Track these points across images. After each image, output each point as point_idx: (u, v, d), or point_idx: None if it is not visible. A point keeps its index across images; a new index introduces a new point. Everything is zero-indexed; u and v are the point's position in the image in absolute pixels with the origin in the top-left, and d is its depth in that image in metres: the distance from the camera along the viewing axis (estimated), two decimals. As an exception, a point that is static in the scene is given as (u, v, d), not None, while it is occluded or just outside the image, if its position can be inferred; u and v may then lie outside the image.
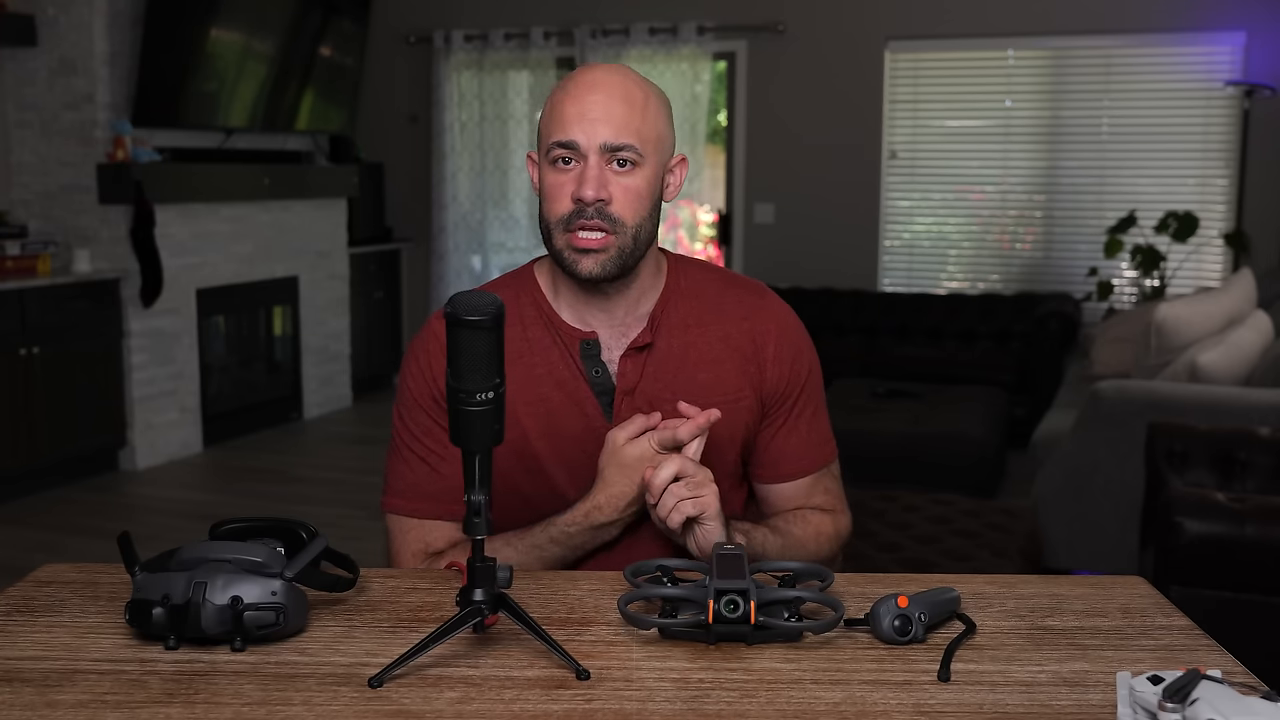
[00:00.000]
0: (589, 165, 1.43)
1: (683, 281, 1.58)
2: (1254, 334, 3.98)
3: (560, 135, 1.44)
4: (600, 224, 1.44)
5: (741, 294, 1.60)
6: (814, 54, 6.73)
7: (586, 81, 1.46)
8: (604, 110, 1.43)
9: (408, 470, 1.55)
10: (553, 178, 1.46)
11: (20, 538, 4.55)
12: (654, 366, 1.53)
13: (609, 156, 1.44)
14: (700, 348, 1.55)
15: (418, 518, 1.54)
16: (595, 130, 1.43)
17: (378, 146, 7.44)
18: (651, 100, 1.48)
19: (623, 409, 1.52)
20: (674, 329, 1.55)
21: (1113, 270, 6.39)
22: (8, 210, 5.40)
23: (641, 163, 1.45)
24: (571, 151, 1.44)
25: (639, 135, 1.45)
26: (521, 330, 1.54)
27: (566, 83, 1.49)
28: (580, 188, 1.43)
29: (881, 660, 1.15)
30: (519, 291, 1.57)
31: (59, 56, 5.33)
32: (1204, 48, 6.16)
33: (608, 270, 1.46)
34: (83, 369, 5.24)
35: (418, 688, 1.08)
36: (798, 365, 1.59)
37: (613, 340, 1.54)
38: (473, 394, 1.11)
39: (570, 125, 1.44)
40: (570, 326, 1.54)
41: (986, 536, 3.09)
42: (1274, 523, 2.41)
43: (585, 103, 1.44)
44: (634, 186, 1.45)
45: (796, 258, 6.83)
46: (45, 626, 1.22)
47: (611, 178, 1.44)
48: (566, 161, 1.45)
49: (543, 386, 1.52)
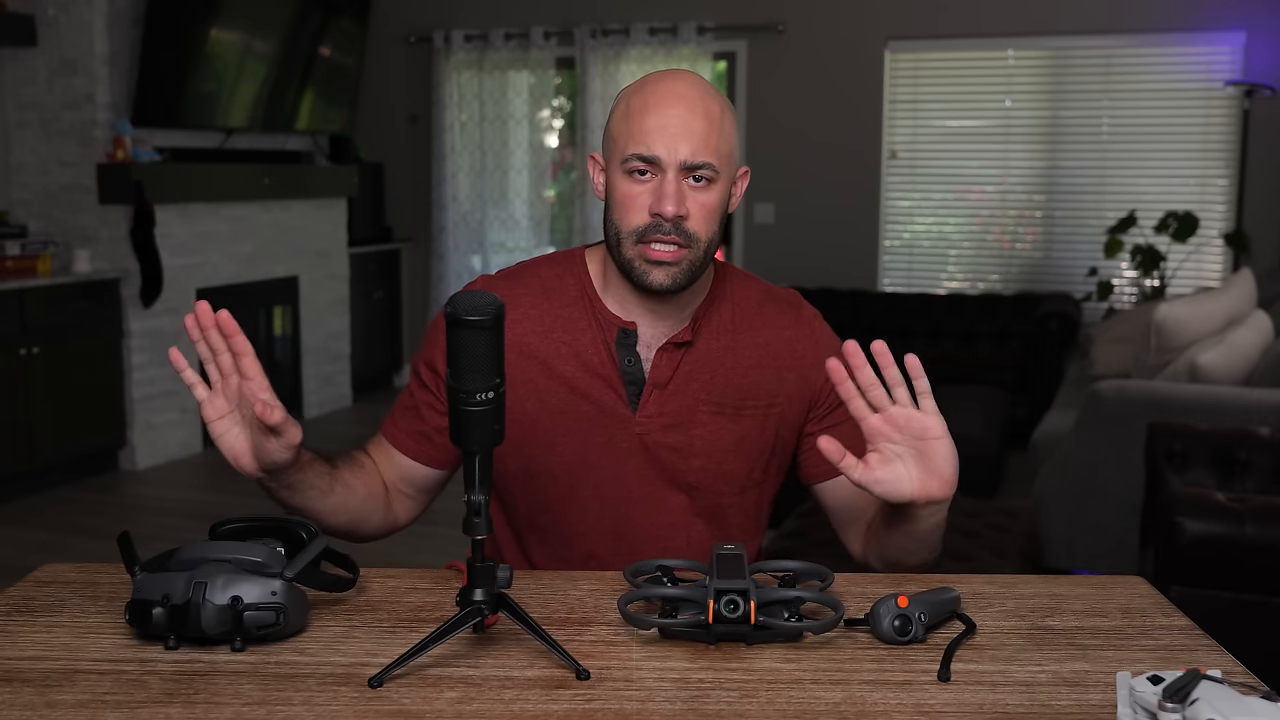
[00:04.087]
0: (668, 180, 1.43)
1: (727, 287, 1.59)
2: (1254, 334, 3.98)
3: (641, 148, 1.43)
4: (676, 239, 1.44)
5: (781, 305, 1.62)
6: (814, 54, 6.73)
7: (669, 92, 1.45)
8: (685, 125, 1.43)
9: (400, 406, 1.61)
10: (627, 188, 1.46)
11: (20, 538, 4.55)
12: (690, 365, 1.54)
13: (687, 172, 1.44)
14: (739, 352, 1.56)
15: (392, 445, 1.60)
16: (677, 146, 1.43)
17: (378, 146, 7.44)
18: (727, 115, 1.48)
19: (650, 401, 1.52)
20: (714, 332, 1.56)
21: (1113, 270, 6.39)
22: (8, 210, 5.40)
23: (717, 179, 1.46)
24: (651, 165, 1.44)
25: (716, 152, 1.45)
26: (558, 307, 1.55)
27: (643, 90, 1.48)
28: (660, 203, 1.43)
29: (881, 660, 1.15)
30: (566, 270, 1.58)
31: (59, 56, 5.33)
32: (1204, 48, 6.16)
33: (678, 283, 1.47)
34: (83, 369, 5.24)
35: (418, 688, 1.08)
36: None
37: (652, 336, 1.54)
38: (472, 394, 1.11)
39: (652, 138, 1.43)
40: (612, 314, 1.54)
41: (986, 536, 3.09)
42: (1274, 523, 2.41)
43: (667, 115, 1.43)
44: (709, 203, 1.46)
45: (796, 258, 6.83)
46: (45, 626, 1.22)
47: (688, 193, 1.44)
48: (643, 173, 1.45)
49: (567, 365, 1.53)
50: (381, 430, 1.62)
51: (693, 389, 1.53)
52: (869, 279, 6.81)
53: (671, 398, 1.53)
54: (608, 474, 1.53)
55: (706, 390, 1.53)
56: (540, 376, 1.52)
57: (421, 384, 1.57)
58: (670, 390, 1.53)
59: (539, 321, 1.54)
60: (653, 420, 1.53)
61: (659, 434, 1.53)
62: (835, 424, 1.57)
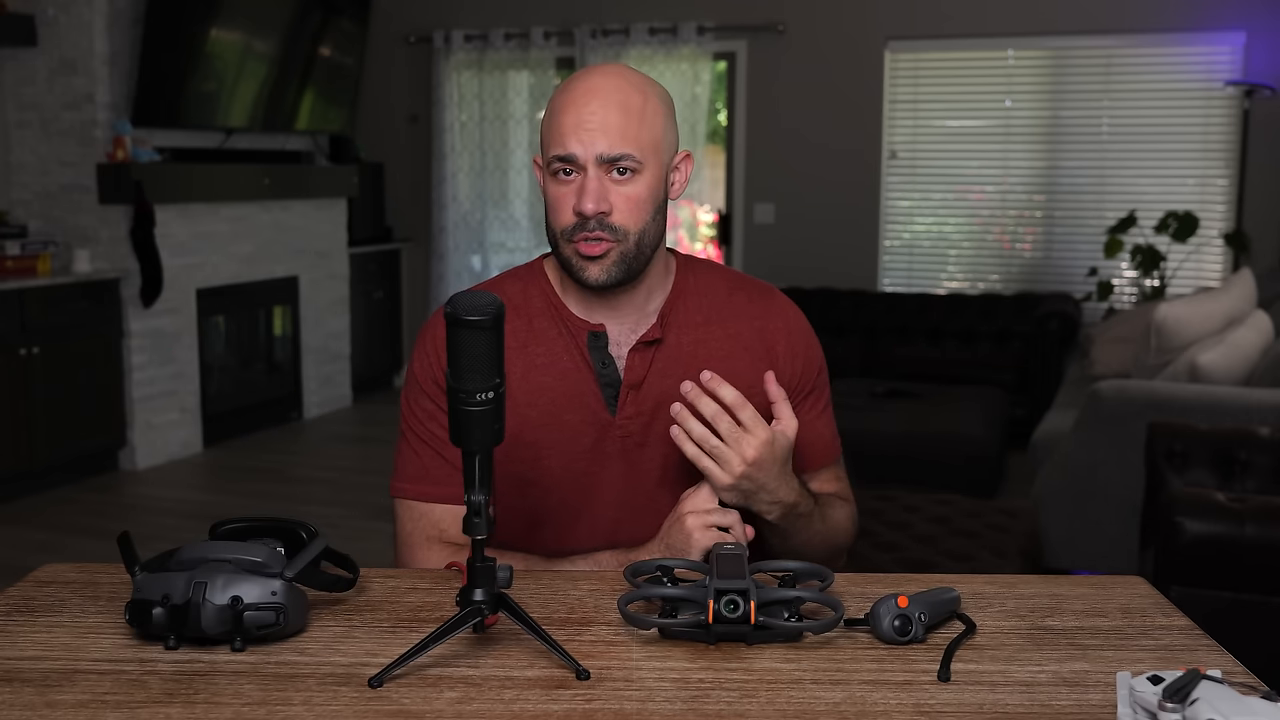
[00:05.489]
0: (588, 178, 1.43)
1: (691, 280, 1.59)
2: (1254, 334, 3.98)
3: (558, 148, 1.44)
4: (601, 234, 1.44)
5: (750, 293, 1.61)
6: (814, 54, 6.73)
7: (583, 89, 1.45)
8: (600, 120, 1.42)
9: (414, 455, 1.55)
10: (554, 189, 1.46)
11: (20, 538, 4.55)
12: (662, 362, 1.54)
13: (608, 166, 1.44)
14: (710, 345, 1.56)
15: (427, 502, 1.53)
16: (592, 141, 1.42)
17: (378, 146, 7.44)
18: (650, 102, 1.47)
19: (628, 402, 1.52)
20: (684, 326, 1.56)
21: (1113, 270, 6.39)
22: (8, 210, 5.40)
23: (641, 169, 1.45)
24: (570, 164, 1.44)
25: (637, 143, 1.44)
26: (527, 321, 1.54)
27: (564, 89, 1.48)
28: (580, 201, 1.43)
29: (881, 660, 1.15)
30: (528, 283, 1.57)
31: (59, 56, 5.33)
32: (1204, 48, 6.16)
33: (613, 276, 1.46)
34: (83, 369, 5.24)
35: (418, 688, 1.07)
36: (810, 361, 1.61)
37: (621, 335, 1.54)
38: (472, 394, 1.11)
39: (567, 137, 1.43)
40: (578, 318, 1.54)
41: (986, 536, 3.09)
42: (1274, 523, 2.41)
43: (582, 113, 1.43)
44: (634, 195, 1.45)
45: (796, 258, 6.83)
46: (45, 626, 1.22)
47: (611, 187, 1.44)
48: (567, 173, 1.45)
49: (544, 376, 1.53)
50: (408, 496, 1.55)
51: (666, 385, 1.52)
52: (869, 279, 6.81)
53: (647, 396, 1.53)
54: (596, 479, 1.53)
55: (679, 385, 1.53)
56: (520, 391, 1.51)
57: (430, 413, 1.54)
58: (645, 389, 1.53)
59: (513, 337, 1.51)
60: (632, 421, 1.53)
61: (639, 434, 1.53)
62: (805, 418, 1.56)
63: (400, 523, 1.56)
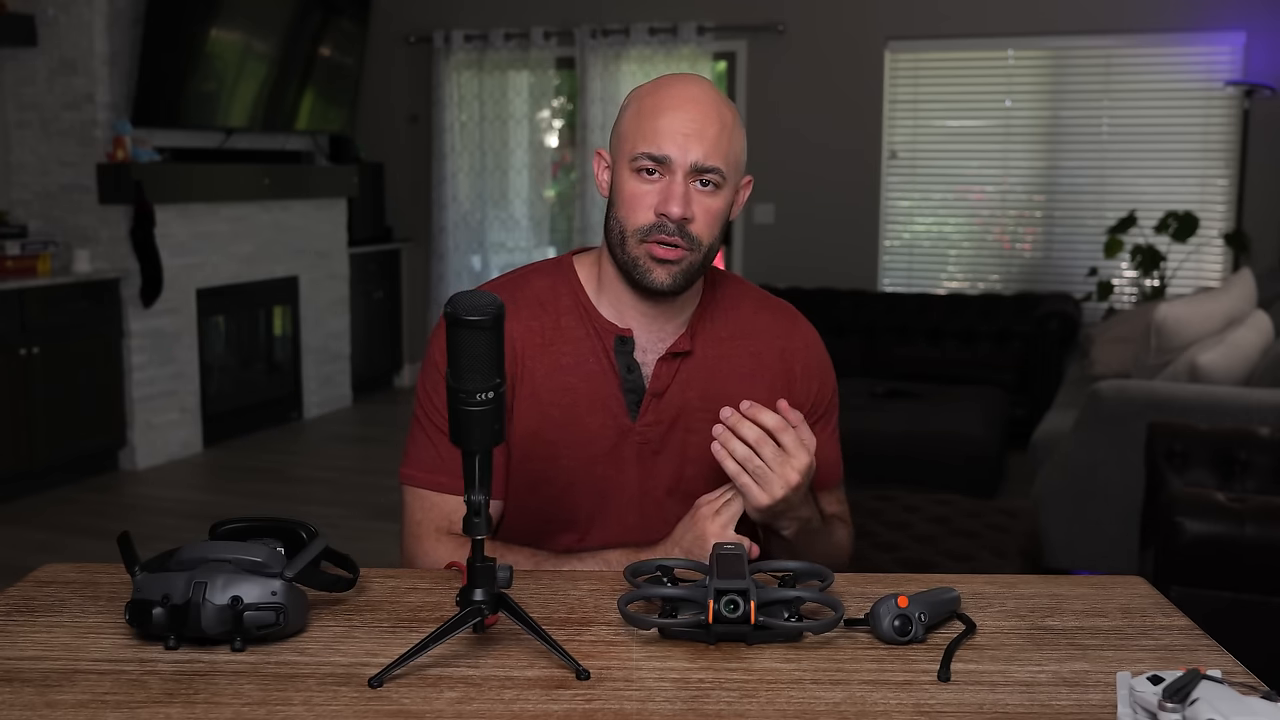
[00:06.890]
0: (676, 182, 1.43)
1: (719, 293, 1.60)
2: (1254, 334, 3.98)
3: (651, 147, 1.44)
4: (679, 240, 1.45)
5: (775, 315, 1.63)
6: (814, 54, 6.73)
7: (683, 95, 1.46)
8: (699, 128, 1.43)
9: (429, 443, 1.53)
10: (635, 186, 1.46)
11: (20, 538, 4.55)
12: (687, 374, 1.55)
13: (695, 175, 1.44)
14: (734, 361, 1.57)
15: (439, 492, 1.52)
16: (689, 148, 1.43)
17: (378, 146, 7.44)
18: (738, 124, 1.49)
19: (649, 410, 1.53)
20: (710, 340, 1.57)
21: (1113, 270, 6.39)
22: (8, 210, 5.40)
23: (724, 184, 1.46)
24: (660, 165, 1.44)
25: (725, 158, 1.45)
26: (555, 319, 1.54)
27: (658, 91, 1.48)
28: (666, 203, 1.43)
29: (881, 660, 1.15)
30: (556, 280, 1.57)
31: (59, 56, 5.33)
32: (1204, 48, 6.16)
33: (678, 283, 1.47)
34: (83, 369, 5.24)
35: (418, 688, 1.08)
36: (824, 385, 1.63)
37: (648, 342, 1.54)
38: (472, 394, 1.11)
39: (664, 138, 1.43)
40: (607, 321, 1.54)
41: (986, 536, 3.09)
42: (1274, 523, 2.41)
43: (681, 118, 1.43)
44: (714, 207, 1.46)
45: (796, 258, 6.83)
46: (45, 626, 1.22)
47: (695, 196, 1.45)
48: (651, 172, 1.45)
49: (570, 376, 1.53)
50: (420, 485, 1.53)
51: (688, 396, 1.54)
52: (869, 279, 6.81)
53: (668, 405, 1.53)
54: (611, 483, 1.54)
55: (701, 398, 1.54)
56: (545, 390, 1.51)
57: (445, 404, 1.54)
58: (667, 398, 1.54)
59: (540, 334, 1.53)
60: (651, 428, 1.53)
61: (657, 441, 1.53)
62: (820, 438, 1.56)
63: (409, 510, 1.55)
